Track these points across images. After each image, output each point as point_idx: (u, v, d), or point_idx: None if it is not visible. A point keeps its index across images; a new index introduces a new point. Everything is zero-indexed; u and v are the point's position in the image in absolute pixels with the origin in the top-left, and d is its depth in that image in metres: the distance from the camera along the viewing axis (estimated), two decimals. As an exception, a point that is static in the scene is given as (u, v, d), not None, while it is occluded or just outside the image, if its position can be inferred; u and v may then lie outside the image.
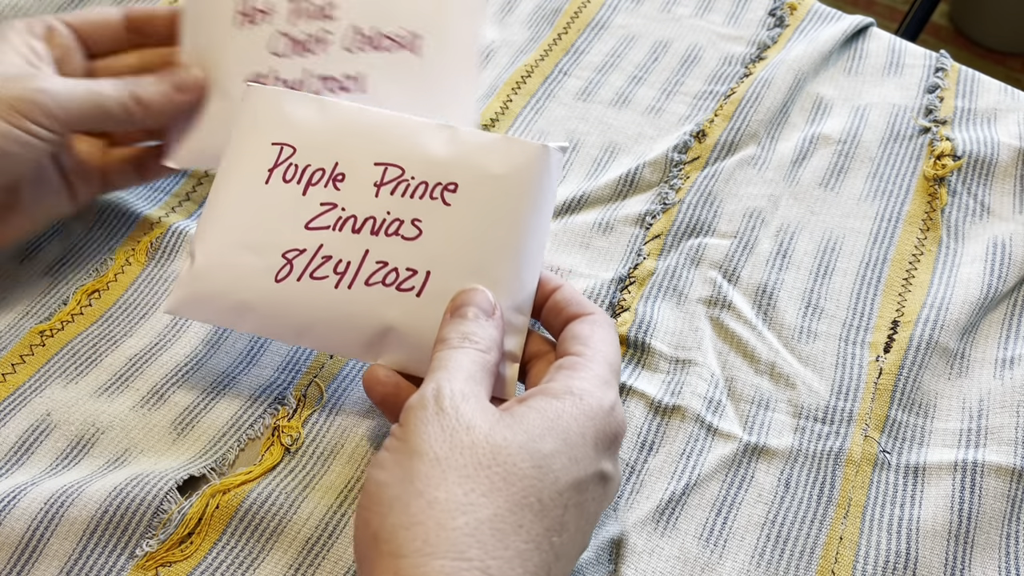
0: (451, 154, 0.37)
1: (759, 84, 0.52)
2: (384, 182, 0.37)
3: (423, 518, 0.27)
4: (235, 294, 0.37)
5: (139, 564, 0.35)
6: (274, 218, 0.37)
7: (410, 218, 0.36)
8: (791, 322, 0.44)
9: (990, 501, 0.38)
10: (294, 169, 0.38)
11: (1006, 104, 0.53)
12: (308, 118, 0.38)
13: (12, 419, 0.39)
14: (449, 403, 0.29)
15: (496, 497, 0.27)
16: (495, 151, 0.37)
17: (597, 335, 0.34)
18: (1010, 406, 0.40)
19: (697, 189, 0.48)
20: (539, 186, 0.36)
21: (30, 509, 0.35)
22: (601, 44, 0.55)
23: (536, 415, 0.30)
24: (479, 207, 0.36)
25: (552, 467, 0.29)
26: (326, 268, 0.36)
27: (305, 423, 0.39)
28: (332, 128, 0.38)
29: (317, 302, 0.36)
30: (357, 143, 0.38)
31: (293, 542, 0.36)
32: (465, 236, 0.36)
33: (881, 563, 0.37)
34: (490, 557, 0.26)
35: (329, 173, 0.37)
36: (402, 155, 0.37)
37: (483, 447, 0.28)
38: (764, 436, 0.40)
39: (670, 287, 0.44)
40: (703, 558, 0.37)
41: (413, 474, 0.28)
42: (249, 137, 0.38)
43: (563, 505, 0.29)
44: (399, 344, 0.36)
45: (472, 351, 0.32)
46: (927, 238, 0.47)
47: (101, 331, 0.42)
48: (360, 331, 0.36)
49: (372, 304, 0.36)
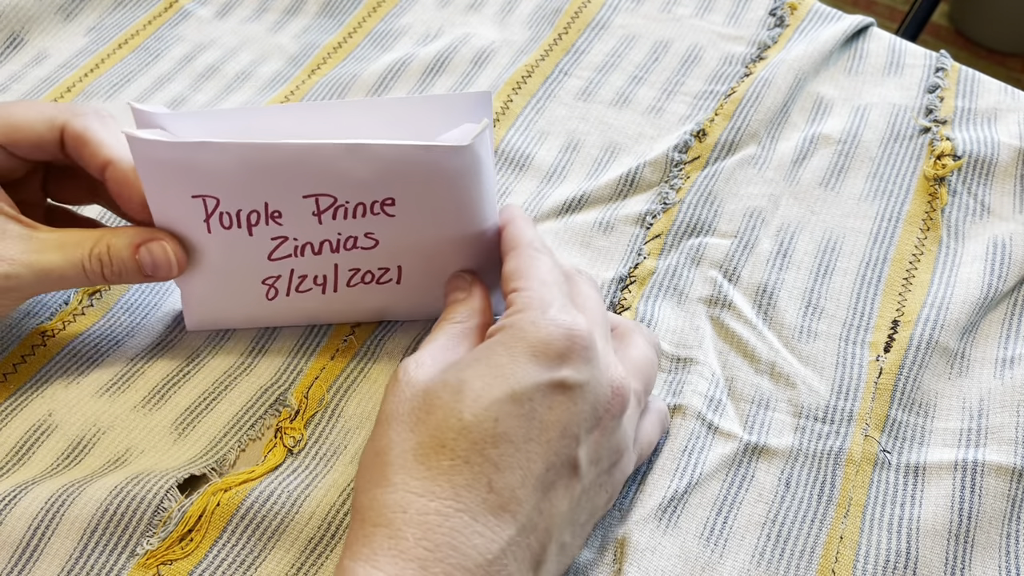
0: (375, 172, 0.35)
1: (759, 84, 0.52)
2: (322, 211, 0.36)
3: (370, 463, 0.31)
4: (238, 313, 0.41)
5: (140, 562, 0.35)
6: (237, 258, 0.38)
7: (362, 233, 0.37)
8: (791, 322, 0.44)
9: (990, 501, 0.38)
10: (228, 217, 0.36)
11: (1006, 104, 0.53)
12: (214, 164, 0.34)
13: (13, 419, 0.39)
14: (402, 373, 0.32)
15: (419, 428, 0.30)
16: (416, 159, 0.35)
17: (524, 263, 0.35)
18: (1010, 406, 0.40)
19: (697, 189, 0.48)
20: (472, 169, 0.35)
21: (31, 508, 0.35)
22: (601, 44, 0.56)
23: (470, 356, 0.32)
24: (420, 209, 0.37)
25: (472, 387, 0.30)
26: (307, 283, 0.39)
27: (308, 424, 0.39)
28: (244, 170, 0.35)
29: (312, 306, 0.40)
30: (277, 182, 0.35)
31: (295, 541, 0.36)
32: (419, 233, 0.38)
33: (881, 563, 0.37)
34: (413, 479, 0.29)
35: (264, 213, 0.36)
36: (327, 184, 0.35)
37: (417, 394, 0.31)
38: (764, 436, 0.40)
39: (670, 286, 0.44)
40: (704, 557, 0.37)
41: (372, 436, 0.32)
42: (166, 195, 0.35)
43: (492, 419, 0.29)
44: (398, 312, 0.42)
45: (447, 325, 0.35)
46: (927, 238, 0.47)
47: (102, 331, 0.42)
48: (359, 315, 0.42)
49: (361, 298, 0.40)
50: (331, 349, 0.42)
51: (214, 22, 0.57)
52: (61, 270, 0.36)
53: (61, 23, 0.55)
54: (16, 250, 0.35)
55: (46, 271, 0.36)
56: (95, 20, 0.55)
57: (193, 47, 0.55)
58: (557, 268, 0.35)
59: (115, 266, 0.37)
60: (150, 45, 0.55)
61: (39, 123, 0.37)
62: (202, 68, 0.54)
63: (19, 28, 0.53)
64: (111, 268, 0.37)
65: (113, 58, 0.54)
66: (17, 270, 0.35)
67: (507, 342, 0.31)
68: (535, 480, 0.30)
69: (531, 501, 0.30)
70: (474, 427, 0.29)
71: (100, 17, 0.55)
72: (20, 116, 0.37)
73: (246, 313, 0.41)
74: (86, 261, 0.36)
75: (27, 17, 0.54)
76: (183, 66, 0.54)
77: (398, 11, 0.58)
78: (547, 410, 0.30)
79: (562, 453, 0.30)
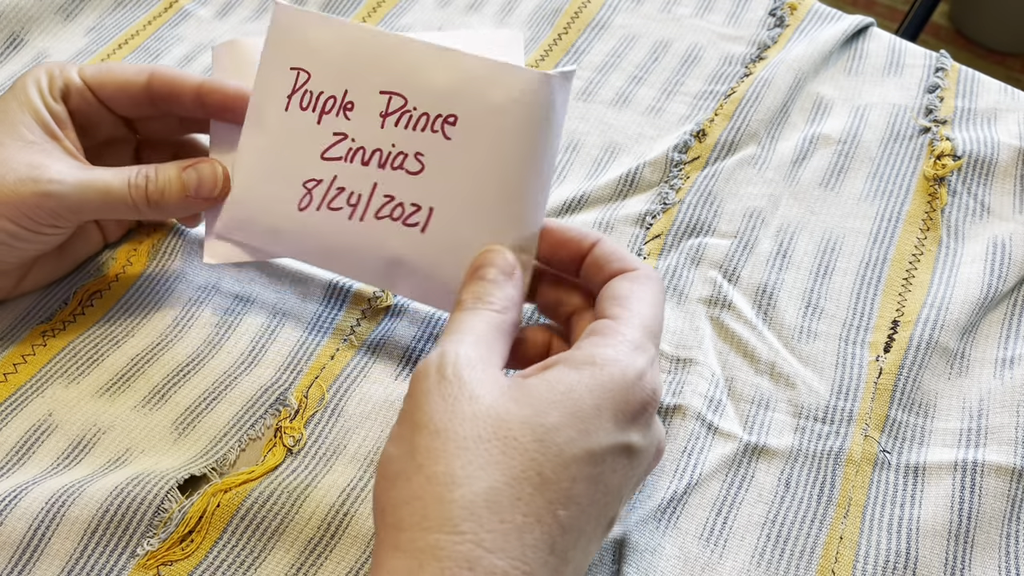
0: (451, 83, 0.36)
1: (759, 84, 0.52)
2: (389, 112, 0.37)
3: (421, 492, 0.27)
4: (266, 220, 0.39)
5: (140, 563, 0.35)
6: (294, 147, 0.38)
7: (413, 151, 0.36)
8: (791, 322, 0.44)
9: (990, 501, 0.38)
10: (309, 96, 0.38)
11: (1006, 104, 0.53)
12: (324, 40, 0.38)
13: (13, 419, 0.39)
14: (452, 371, 0.29)
15: (493, 471, 0.27)
16: (496, 80, 0.35)
17: (636, 294, 0.32)
18: (1010, 406, 0.40)
19: (697, 189, 0.48)
20: (541, 119, 0.35)
21: (31, 509, 0.35)
22: (601, 44, 0.56)
23: (546, 387, 0.29)
24: (478, 142, 0.35)
25: (555, 440, 0.28)
26: (340, 199, 0.37)
27: (307, 424, 0.39)
28: (343, 52, 0.37)
29: (335, 232, 0.38)
30: (365, 70, 0.37)
31: (295, 542, 0.36)
32: (465, 173, 0.36)
33: (881, 563, 0.37)
34: (484, 530, 0.26)
35: (340, 101, 0.38)
36: (405, 84, 0.37)
37: (484, 419, 0.28)
38: (764, 436, 0.40)
39: (670, 287, 0.44)
40: (703, 557, 0.37)
41: (415, 448, 0.28)
42: (273, 61, 0.39)
43: (570, 478, 0.28)
44: (409, 276, 0.37)
45: (486, 312, 0.32)
46: (927, 238, 0.47)
47: (102, 331, 0.42)
48: (374, 261, 0.38)
49: (381, 237, 0.37)
50: (331, 349, 0.42)
51: (214, 22, 0.57)
52: (105, 182, 0.38)
53: (61, 23, 0.55)
54: (64, 166, 0.37)
55: (90, 181, 0.37)
56: (95, 20, 0.55)
57: (193, 47, 0.55)
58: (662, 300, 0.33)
59: (160, 182, 0.38)
60: (150, 45, 0.55)
61: (128, 69, 0.40)
62: (202, 68, 0.54)
63: (19, 28, 0.53)
64: (155, 184, 0.38)
65: (113, 58, 0.54)
66: (62, 177, 0.37)
67: (596, 391, 0.29)
68: (585, 541, 0.29)
69: (576, 560, 0.29)
70: (552, 486, 0.27)
71: (100, 17, 0.55)
72: (112, 64, 0.41)
73: (271, 225, 0.39)
74: (131, 176, 0.38)
75: (27, 17, 0.54)
76: (183, 66, 0.54)
77: (398, 11, 0.58)
78: (612, 473, 0.29)
79: (609, 514, 0.30)
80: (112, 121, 0.41)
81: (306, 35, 0.38)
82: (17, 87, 0.39)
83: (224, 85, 0.40)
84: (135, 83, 0.40)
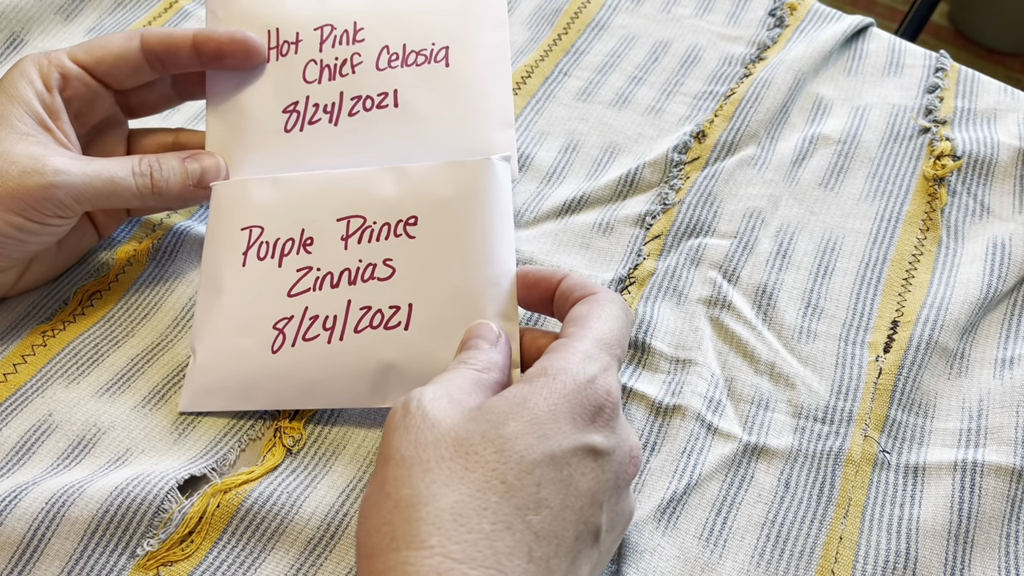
0: (403, 191, 0.39)
1: (759, 84, 0.52)
2: (350, 234, 0.39)
3: (391, 517, 0.28)
4: (238, 377, 0.39)
5: (140, 563, 0.35)
6: (258, 296, 0.39)
7: (381, 259, 0.38)
8: (791, 322, 0.44)
9: (990, 501, 0.38)
10: (266, 246, 0.40)
11: (1006, 104, 0.53)
12: (269, 196, 0.40)
13: (13, 419, 0.39)
14: (416, 405, 0.30)
15: (457, 485, 0.28)
16: (441, 177, 0.39)
17: (593, 313, 0.34)
18: (1010, 406, 0.40)
19: (697, 189, 0.48)
20: (490, 197, 0.38)
21: (31, 509, 0.35)
22: (601, 44, 0.56)
23: (503, 402, 0.30)
24: (440, 231, 0.38)
25: (515, 447, 0.28)
26: (316, 327, 0.38)
27: (307, 424, 0.39)
28: (292, 200, 0.40)
29: (315, 362, 0.38)
30: (318, 207, 0.40)
31: (295, 542, 0.36)
32: (435, 262, 0.38)
33: (881, 563, 0.37)
34: (452, 542, 0.27)
35: (299, 240, 0.40)
36: (360, 205, 0.39)
37: (445, 441, 0.29)
38: (764, 436, 0.40)
39: (670, 287, 0.44)
40: (703, 558, 0.37)
41: (384, 479, 0.29)
42: (221, 229, 0.41)
43: (535, 483, 0.28)
44: (401, 380, 0.38)
45: (466, 370, 0.33)
46: (927, 238, 0.47)
47: (102, 331, 0.42)
48: (362, 377, 0.38)
49: (366, 349, 0.38)
50: (331, 349, 0.42)
51: (214, 22, 0.57)
52: (110, 172, 0.38)
53: (61, 23, 0.55)
54: (64, 157, 0.38)
55: (96, 171, 0.38)
56: (95, 20, 0.55)
57: (193, 47, 0.55)
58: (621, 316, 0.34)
59: (164, 170, 0.40)
60: (150, 45, 0.55)
61: (116, 38, 0.41)
62: (202, 68, 0.54)
63: (19, 28, 0.53)
64: (160, 171, 0.40)
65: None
66: (67, 168, 0.37)
67: (550, 398, 0.30)
68: (567, 549, 0.29)
69: (561, 571, 0.28)
70: (518, 492, 0.28)
71: (100, 17, 0.55)
72: (99, 39, 0.41)
73: (244, 381, 0.39)
74: (136, 164, 0.39)
75: (27, 17, 0.54)
76: (183, 66, 0.54)
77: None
78: (581, 476, 0.29)
79: (589, 522, 0.30)
80: (108, 101, 0.42)
81: (250, 197, 0.41)
82: (5, 81, 0.39)
83: (217, 32, 0.42)
84: (130, 49, 0.41)
